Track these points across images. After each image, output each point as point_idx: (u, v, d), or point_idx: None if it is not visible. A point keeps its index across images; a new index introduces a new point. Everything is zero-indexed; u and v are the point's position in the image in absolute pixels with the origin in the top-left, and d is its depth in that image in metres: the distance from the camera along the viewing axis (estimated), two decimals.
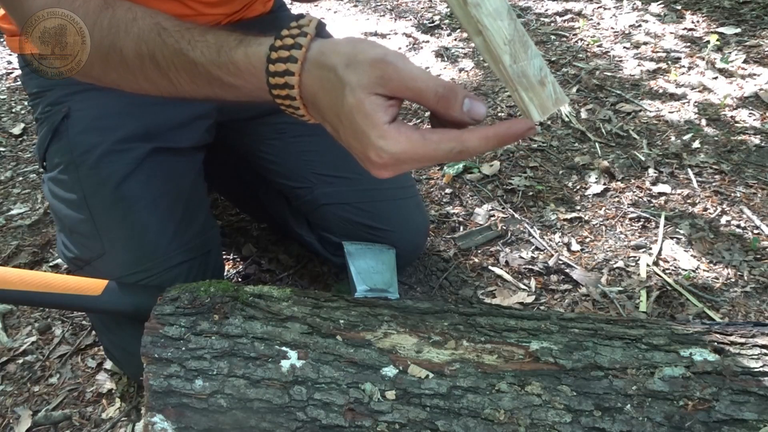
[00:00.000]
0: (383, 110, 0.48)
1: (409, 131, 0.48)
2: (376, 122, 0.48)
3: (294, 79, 0.51)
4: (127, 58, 0.61)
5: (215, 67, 0.56)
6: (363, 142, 0.49)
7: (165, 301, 0.67)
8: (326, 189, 1.00)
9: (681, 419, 0.57)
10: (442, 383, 0.60)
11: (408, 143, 0.48)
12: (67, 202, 0.85)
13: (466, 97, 0.48)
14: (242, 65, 0.54)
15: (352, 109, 0.48)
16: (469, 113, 0.48)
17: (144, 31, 0.60)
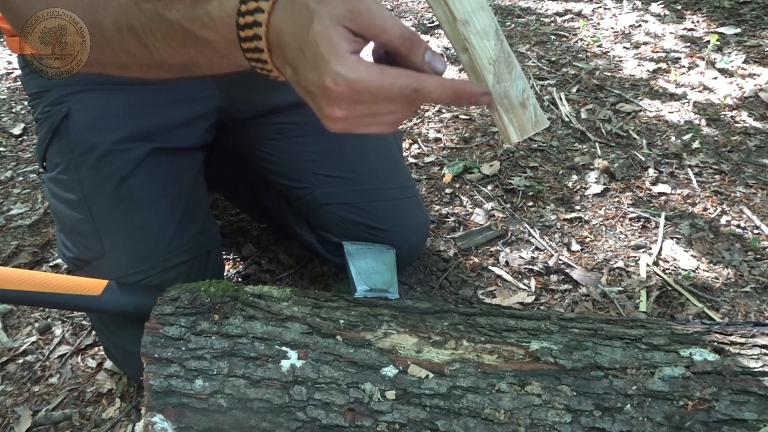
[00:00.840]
0: (347, 41, 0.47)
1: (369, 63, 0.48)
2: (338, 49, 0.47)
3: (263, 16, 0.50)
4: (106, 32, 0.61)
5: (189, 21, 0.55)
6: (321, 69, 0.48)
7: (165, 301, 0.67)
8: (326, 189, 1.00)
9: (681, 419, 0.57)
10: (442, 383, 0.60)
11: (366, 72, 0.47)
12: (67, 202, 0.85)
13: (428, 48, 0.49)
14: (215, 14, 0.54)
15: (316, 37, 0.47)
16: (430, 63, 0.49)
17: (122, 3, 0.60)
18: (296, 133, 1.02)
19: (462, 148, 1.60)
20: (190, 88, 0.94)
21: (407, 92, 0.48)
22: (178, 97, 0.92)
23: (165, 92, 0.90)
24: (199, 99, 0.95)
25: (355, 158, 1.00)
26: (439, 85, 0.48)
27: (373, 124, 0.51)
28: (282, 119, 1.02)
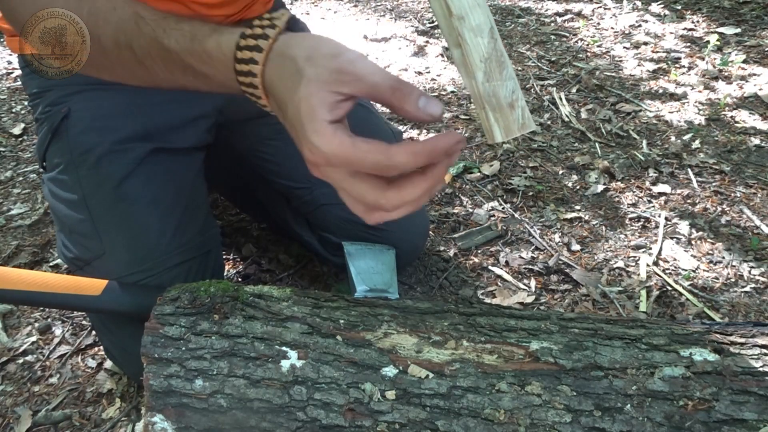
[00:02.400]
0: (328, 108, 0.48)
1: (343, 135, 0.48)
2: (316, 117, 0.48)
3: (257, 68, 0.52)
4: (105, 46, 0.62)
5: (188, 54, 0.57)
6: (300, 134, 0.49)
7: (165, 301, 0.67)
8: (326, 189, 0.99)
9: (681, 419, 0.57)
10: (442, 383, 0.60)
11: (339, 146, 0.48)
12: (66, 202, 0.85)
13: (421, 95, 0.49)
14: (213, 53, 0.55)
15: (301, 100, 0.49)
16: (425, 109, 0.48)
17: (122, 20, 0.61)
18: None
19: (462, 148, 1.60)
20: None
21: (380, 167, 0.48)
22: (178, 98, 0.92)
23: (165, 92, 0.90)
24: (199, 99, 0.95)
25: None
26: (411, 153, 0.48)
27: (348, 195, 0.51)
28: None
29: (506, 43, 2.24)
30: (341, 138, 0.48)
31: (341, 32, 2.39)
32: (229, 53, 0.54)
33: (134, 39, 0.60)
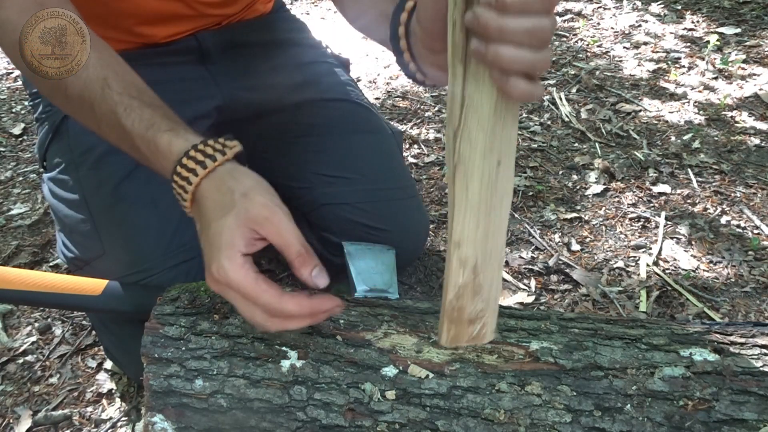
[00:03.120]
0: (246, 242, 0.55)
1: (251, 270, 0.55)
2: (233, 245, 0.55)
3: (195, 179, 0.58)
4: (70, 95, 0.66)
5: (139, 138, 0.62)
6: (214, 254, 0.56)
7: (165, 301, 0.67)
8: (326, 189, 0.99)
9: (681, 419, 0.57)
10: (442, 383, 0.60)
11: (243, 278, 0.55)
12: (66, 202, 0.85)
13: (317, 266, 0.57)
14: (162, 148, 0.61)
15: (225, 226, 0.56)
16: (314, 279, 0.56)
17: (90, 80, 0.65)
18: (297, 133, 1.02)
19: None
20: (191, 87, 0.94)
21: (270, 308, 0.55)
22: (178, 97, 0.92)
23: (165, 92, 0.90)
24: (199, 99, 0.95)
25: (355, 158, 1.00)
26: (298, 305, 0.55)
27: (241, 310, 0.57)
28: (282, 119, 1.02)
29: None
30: (247, 272, 0.55)
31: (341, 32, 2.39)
32: (175, 156, 0.60)
33: (96, 102, 0.64)
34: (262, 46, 1.03)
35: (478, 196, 0.50)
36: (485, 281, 0.55)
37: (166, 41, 0.92)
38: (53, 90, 0.67)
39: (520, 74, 0.44)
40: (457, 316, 0.56)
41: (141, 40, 0.90)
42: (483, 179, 0.50)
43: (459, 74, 0.47)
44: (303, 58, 1.07)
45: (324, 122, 1.02)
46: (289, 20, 1.13)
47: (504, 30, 0.42)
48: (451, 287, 0.55)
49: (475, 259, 0.53)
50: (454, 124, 0.48)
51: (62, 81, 0.65)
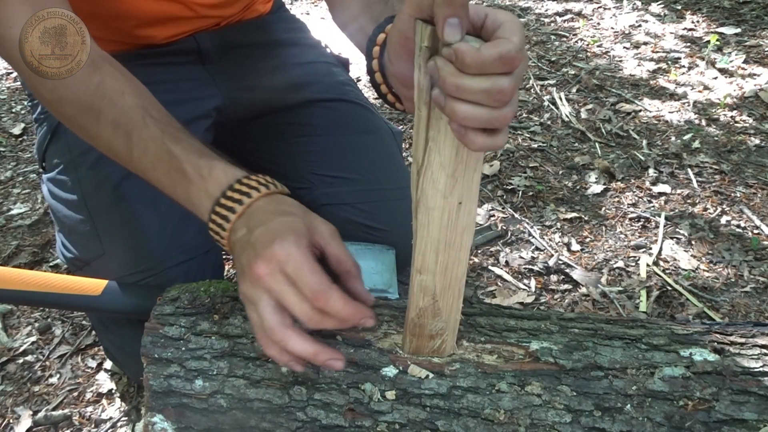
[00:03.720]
0: (309, 245, 0.57)
1: (314, 260, 0.55)
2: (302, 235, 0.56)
3: (256, 194, 0.60)
4: (102, 120, 0.66)
5: (188, 162, 0.63)
6: (276, 239, 0.55)
7: (165, 301, 0.67)
8: (326, 189, 0.99)
9: (681, 419, 0.57)
10: (442, 383, 0.60)
11: (306, 259, 0.54)
12: (66, 202, 0.85)
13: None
14: (216, 173, 0.63)
15: (291, 222, 0.57)
16: (363, 294, 0.61)
17: (129, 108, 0.66)
18: (296, 133, 1.02)
19: None
20: (190, 88, 0.94)
21: (317, 294, 0.54)
22: (178, 98, 0.92)
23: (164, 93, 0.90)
24: (198, 99, 0.95)
25: (354, 159, 1.00)
26: (343, 301, 0.54)
27: (286, 298, 0.55)
28: (282, 119, 1.02)
29: None
30: (312, 260, 0.55)
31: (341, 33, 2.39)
32: (231, 179, 0.62)
33: (135, 129, 0.65)
34: (262, 46, 1.03)
35: (438, 232, 0.52)
36: (444, 306, 0.58)
37: (164, 42, 0.92)
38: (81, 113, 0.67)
39: (478, 129, 0.44)
40: (419, 331, 0.59)
41: (140, 41, 0.90)
42: (443, 217, 0.51)
43: (423, 117, 0.47)
44: (302, 58, 1.07)
45: (323, 122, 1.02)
46: (289, 20, 1.13)
47: (460, 88, 0.42)
48: (413, 308, 0.58)
49: (434, 287, 0.56)
50: (418, 162, 0.49)
51: (95, 107, 0.66)
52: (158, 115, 0.67)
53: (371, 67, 0.65)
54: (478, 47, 0.40)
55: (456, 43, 0.41)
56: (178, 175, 0.64)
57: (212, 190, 0.62)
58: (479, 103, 0.42)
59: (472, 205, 0.51)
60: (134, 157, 0.66)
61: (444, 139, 0.47)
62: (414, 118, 0.48)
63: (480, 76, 0.41)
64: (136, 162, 0.66)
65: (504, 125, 0.44)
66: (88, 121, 0.67)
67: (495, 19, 0.44)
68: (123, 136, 0.66)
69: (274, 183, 0.64)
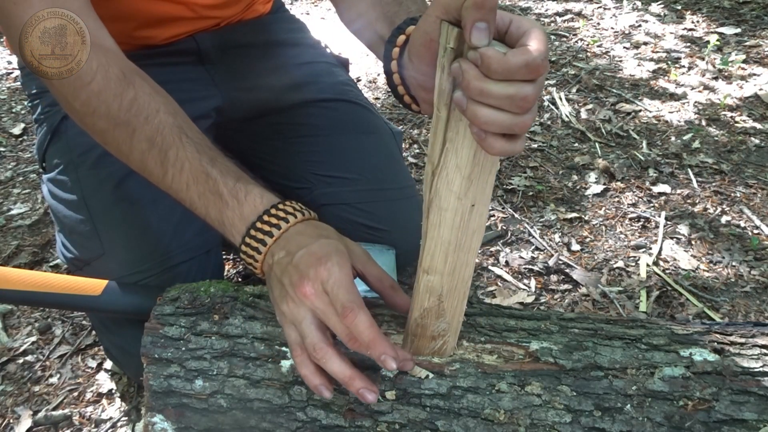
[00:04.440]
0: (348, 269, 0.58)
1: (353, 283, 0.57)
2: (345, 255, 0.58)
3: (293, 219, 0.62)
4: (136, 137, 0.66)
5: (226, 187, 0.64)
6: (322, 260, 0.56)
7: (165, 301, 0.67)
8: (325, 189, 0.99)
9: (681, 419, 0.57)
10: (442, 383, 0.60)
11: (350, 281, 0.56)
12: (66, 202, 0.85)
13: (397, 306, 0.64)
14: (252, 198, 0.63)
15: (333, 244, 0.59)
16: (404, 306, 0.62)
17: (164, 126, 0.66)
18: (296, 134, 1.02)
19: None
20: (190, 88, 0.94)
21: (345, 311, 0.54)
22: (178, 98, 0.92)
23: None
24: (198, 99, 0.95)
25: (354, 158, 1.00)
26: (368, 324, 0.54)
27: (330, 320, 0.56)
28: (281, 119, 1.02)
29: None
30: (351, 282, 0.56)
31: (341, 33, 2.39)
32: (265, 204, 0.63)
33: (172, 148, 0.66)
34: (261, 46, 1.03)
35: (449, 233, 0.53)
36: (449, 307, 0.58)
37: (164, 43, 0.92)
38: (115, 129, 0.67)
39: (498, 134, 0.44)
40: (420, 332, 0.59)
41: (140, 42, 0.90)
42: (455, 219, 0.52)
43: (443, 118, 0.47)
44: (302, 58, 1.07)
45: (323, 122, 1.02)
46: (289, 20, 1.13)
47: (484, 92, 0.42)
48: (417, 308, 0.58)
49: (441, 288, 0.56)
50: (433, 162, 0.49)
51: (130, 124, 0.66)
52: (193, 135, 0.68)
53: (389, 68, 0.65)
54: (505, 53, 0.41)
55: (483, 47, 0.41)
56: (213, 197, 0.64)
57: (248, 215, 0.62)
58: (502, 108, 0.42)
59: (485, 208, 0.52)
60: (168, 176, 0.66)
61: (462, 141, 0.47)
62: (432, 120, 0.48)
63: (504, 82, 0.41)
64: (169, 180, 0.66)
65: (524, 131, 0.44)
66: (122, 137, 0.67)
67: (520, 25, 0.44)
68: (158, 155, 0.66)
69: (308, 210, 0.65)
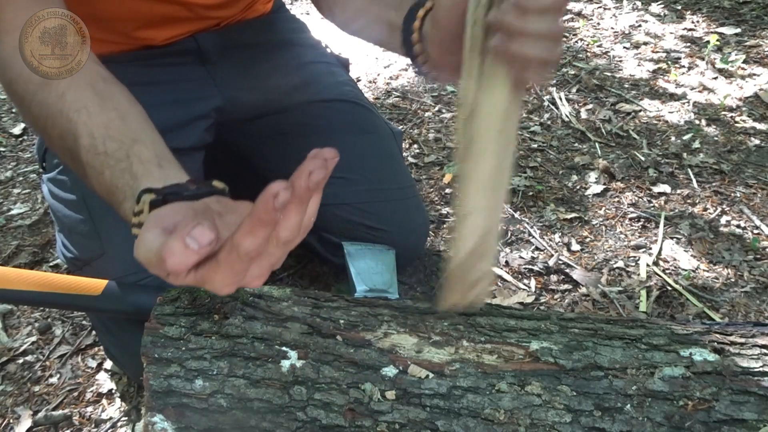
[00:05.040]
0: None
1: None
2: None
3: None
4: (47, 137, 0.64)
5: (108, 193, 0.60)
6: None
7: (165, 301, 0.67)
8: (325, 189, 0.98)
9: (681, 419, 0.57)
10: (442, 383, 0.60)
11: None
12: (66, 202, 0.85)
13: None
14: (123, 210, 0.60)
15: None
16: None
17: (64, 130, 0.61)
18: (296, 133, 1.02)
19: None
20: (190, 88, 0.94)
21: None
22: (178, 98, 0.92)
23: (164, 93, 0.90)
24: (198, 99, 0.95)
25: (354, 159, 1.00)
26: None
27: None
28: (282, 119, 1.02)
29: None
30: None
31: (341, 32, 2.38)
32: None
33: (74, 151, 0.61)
34: (262, 46, 1.03)
35: (490, 171, 0.55)
36: (489, 248, 0.58)
37: (165, 43, 0.92)
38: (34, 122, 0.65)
39: (537, 66, 0.50)
40: (461, 280, 0.58)
41: (139, 42, 0.90)
42: (496, 156, 0.55)
43: (476, 64, 0.53)
44: (303, 58, 1.07)
45: (323, 122, 1.02)
46: (289, 20, 1.13)
47: (525, 30, 0.48)
48: (462, 250, 0.57)
49: (484, 227, 0.57)
50: (467, 109, 0.54)
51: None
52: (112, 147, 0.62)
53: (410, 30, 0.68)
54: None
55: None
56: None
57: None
58: (541, 40, 0.49)
59: (514, 144, 0.56)
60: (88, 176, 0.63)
61: (497, 80, 0.52)
62: (463, 70, 0.54)
63: (541, 17, 0.48)
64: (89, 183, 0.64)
65: (557, 61, 0.52)
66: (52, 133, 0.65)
67: None
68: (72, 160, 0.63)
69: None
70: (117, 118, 0.63)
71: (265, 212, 0.38)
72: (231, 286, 0.46)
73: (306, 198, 0.40)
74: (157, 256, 0.44)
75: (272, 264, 0.46)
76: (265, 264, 0.45)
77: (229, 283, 0.45)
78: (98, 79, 0.65)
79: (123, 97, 0.66)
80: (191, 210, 0.51)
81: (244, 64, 1.01)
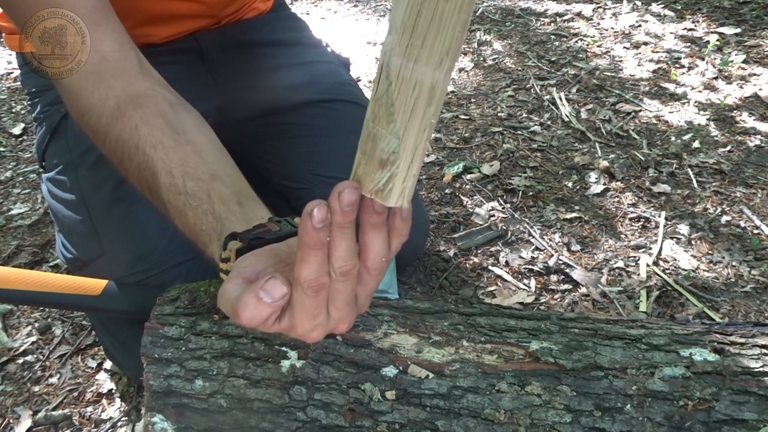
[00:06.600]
0: None
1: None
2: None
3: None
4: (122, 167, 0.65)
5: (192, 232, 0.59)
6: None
7: (165, 301, 0.67)
8: (326, 190, 0.99)
9: (681, 419, 0.57)
10: (442, 383, 0.60)
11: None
12: (65, 202, 0.85)
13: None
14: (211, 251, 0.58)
15: None
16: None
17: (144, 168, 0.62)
18: (296, 134, 1.02)
19: (462, 148, 1.60)
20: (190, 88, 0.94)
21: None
22: None
23: None
24: (198, 99, 0.94)
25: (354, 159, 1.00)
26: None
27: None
28: (282, 119, 1.02)
29: (506, 43, 2.24)
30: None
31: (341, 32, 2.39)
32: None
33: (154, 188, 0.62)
34: (262, 45, 1.03)
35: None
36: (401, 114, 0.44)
37: (165, 41, 0.92)
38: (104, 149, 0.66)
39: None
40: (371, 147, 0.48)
41: (139, 40, 0.90)
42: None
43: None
44: (303, 58, 1.07)
45: (324, 122, 1.02)
46: (289, 19, 1.13)
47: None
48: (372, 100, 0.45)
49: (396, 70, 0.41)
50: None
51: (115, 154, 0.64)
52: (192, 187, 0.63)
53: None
54: None
55: None
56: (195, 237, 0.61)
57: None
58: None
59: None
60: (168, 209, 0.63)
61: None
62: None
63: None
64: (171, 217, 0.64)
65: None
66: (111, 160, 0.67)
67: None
68: (147, 191, 0.64)
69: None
70: (192, 153, 0.63)
71: (307, 234, 0.38)
72: (315, 332, 0.44)
73: (343, 222, 0.40)
74: (233, 308, 0.43)
75: (346, 302, 0.43)
76: (339, 303, 0.43)
77: (310, 328, 0.44)
78: (167, 108, 0.66)
79: (194, 126, 0.66)
80: (274, 258, 0.50)
81: (244, 63, 1.01)
